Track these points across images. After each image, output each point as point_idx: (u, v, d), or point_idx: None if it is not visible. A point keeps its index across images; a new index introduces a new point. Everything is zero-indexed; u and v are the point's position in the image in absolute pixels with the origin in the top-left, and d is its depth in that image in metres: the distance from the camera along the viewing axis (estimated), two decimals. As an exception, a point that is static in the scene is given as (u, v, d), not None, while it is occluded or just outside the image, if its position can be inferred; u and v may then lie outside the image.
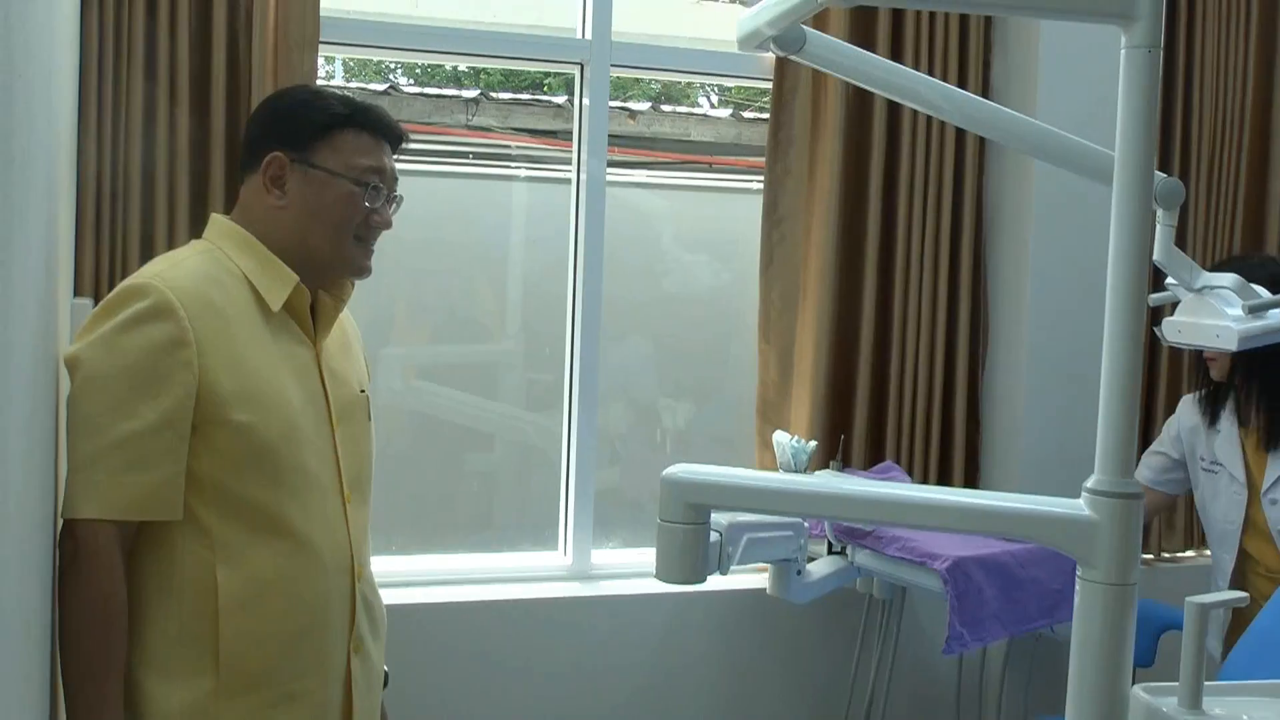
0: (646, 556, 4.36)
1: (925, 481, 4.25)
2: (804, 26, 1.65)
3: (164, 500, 2.14)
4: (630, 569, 4.27)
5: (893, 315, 4.26)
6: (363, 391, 2.50)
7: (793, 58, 1.72)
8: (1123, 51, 1.41)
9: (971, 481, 4.36)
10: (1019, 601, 3.40)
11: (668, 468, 1.51)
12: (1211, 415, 3.71)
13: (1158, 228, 2.17)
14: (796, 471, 3.73)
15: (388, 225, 2.42)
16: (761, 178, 4.21)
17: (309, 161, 2.32)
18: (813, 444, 3.83)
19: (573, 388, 4.18)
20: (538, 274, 4.44)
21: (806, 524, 1.89)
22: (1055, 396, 4.26)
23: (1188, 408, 3.81)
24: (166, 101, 3.50)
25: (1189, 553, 4.65)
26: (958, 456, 4.33)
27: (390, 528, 4.11)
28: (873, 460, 4.27)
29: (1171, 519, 4.59)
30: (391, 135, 2.43)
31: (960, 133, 4.30)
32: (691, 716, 4.14)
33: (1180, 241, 3.63)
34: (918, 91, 1.80)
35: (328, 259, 2.36)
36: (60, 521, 2.14)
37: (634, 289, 4.51)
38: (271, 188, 2.32)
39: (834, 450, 4.13)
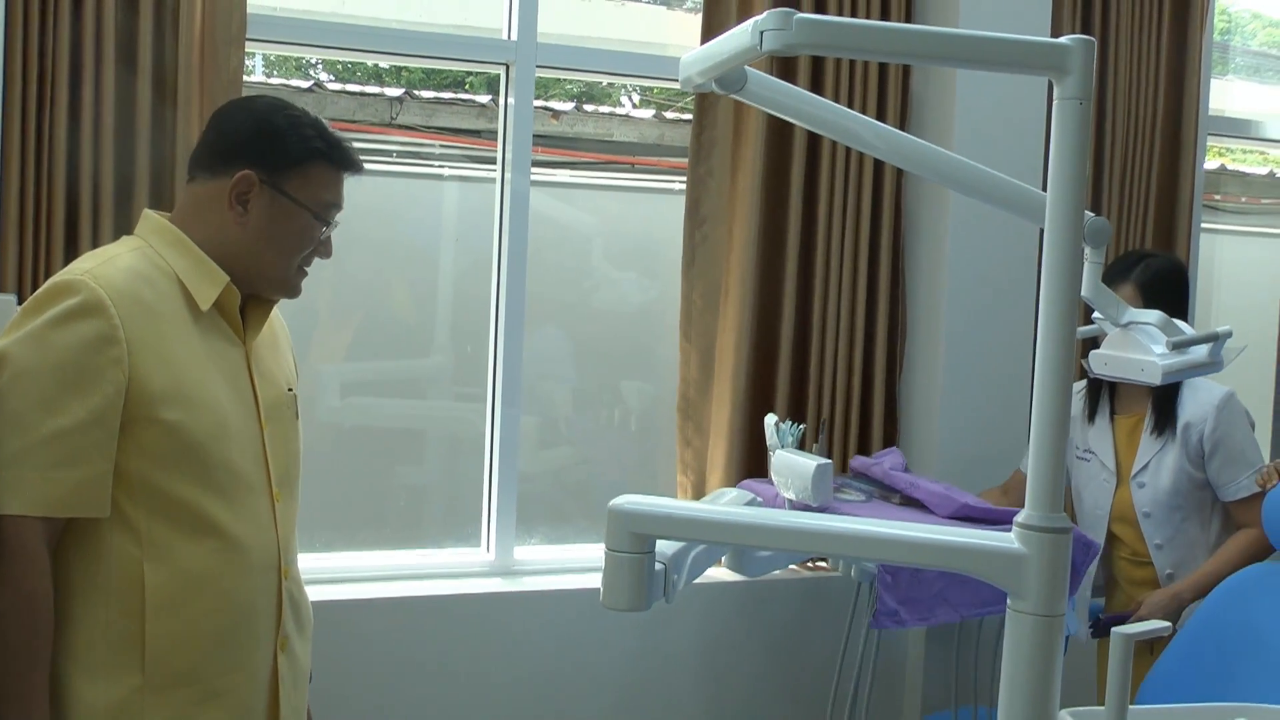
0: (570, 552, 4.41)
1: (842, 469, 4.33)
2: (745, 66, 1.69)
3: (92, 497, 2.15)
4: (553, 565, 4.32)
5: (812, 315, 4.32)
6: (290, 390, 2.53)
7: (734, 96, 1.76)
8: (1055, 103, 1.47)
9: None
10: (970, 584, 3.44)
11: (615, 498, 1.55)
12: (1092, 408, 3.85)
13: (1085, 265, 2.24)
14: (785, 449, 3.77)
15: (329, 256, 2.47)
16: (684, 178, 4.25)
17: (279, 187, 2.34)
18: (801, 427, 3.88)
19: (496, 384, 4.21)
20: (464, 271, 4.45)
21: (760, 500, 1.94)
22: (970, 395, 4.35)
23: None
24: (92, 97, 3.48)
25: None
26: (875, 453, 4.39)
27: (318, 527, 4.11)
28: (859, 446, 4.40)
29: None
30: (356, 172, 2.46)
31: (881, 111, 4.39)
32: (608, 711, 4.20)
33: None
34: (855, 131, 1.85)
35: (269, 279, 2.40)
36: None
37: (559, 287, 4.54)
38: (235, 203, 2.33)
39: (815, 434, 4.21)
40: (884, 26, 1.48)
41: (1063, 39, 1.46)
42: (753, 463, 4.26)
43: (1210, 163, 5.40)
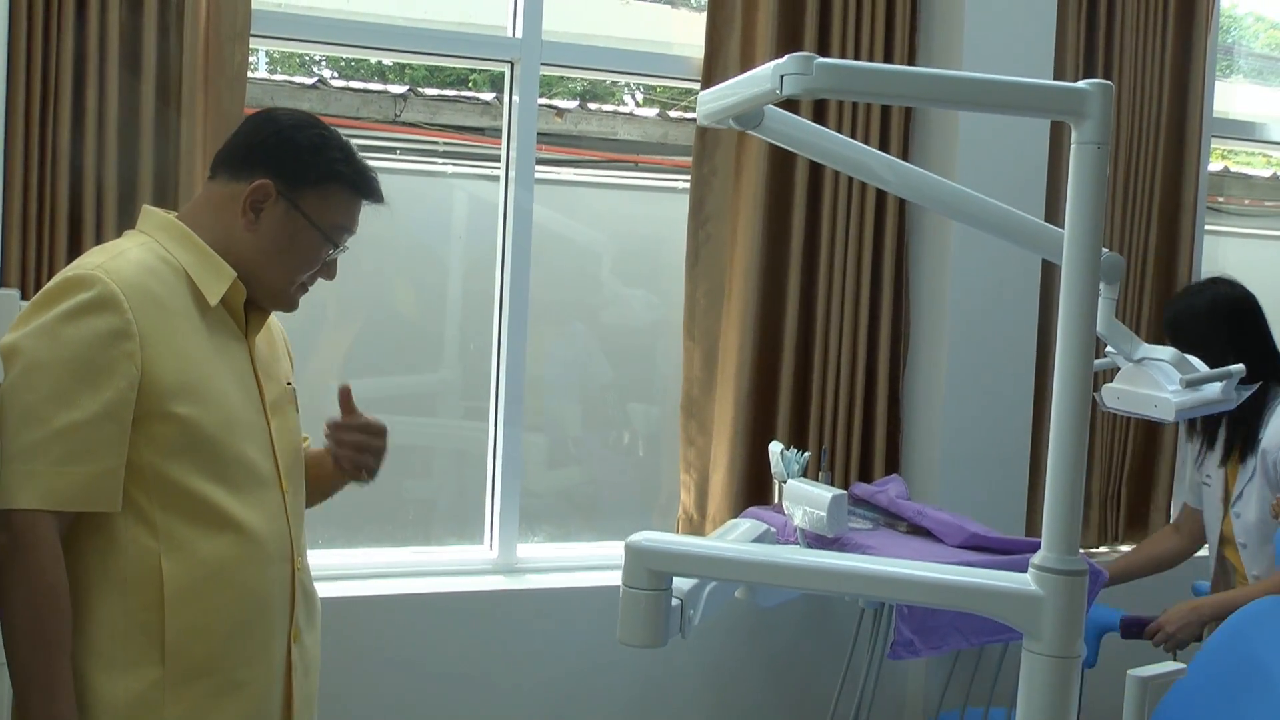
0: (572, 550, 4.43)
1: (845, 478, 4.33)
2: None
3: (103, 492, 2.15)
4: (555, 563, 4.33)
5: (816, 314, 4.33)
6: (289, 384, 2.54)
7: (751, 133, 1.77)
8: (1073, 146, 1.47)
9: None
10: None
11: (632, 535, 1.56)
12: (1210, 434, 3.77)
13: (1100, 301, 2.24)
14: (790, 479, 3.77)
15: (332, 278, 2.48)
16: (688, 177, 4.25)
17: (295, 202, 2.34)
18: (806, 454, 3.89)
19: (499, 392, 4.22)
20: (469, 270, 4.45)
21: (773, 530, 1.95)
22: (973, 396, 4.35)
23: None
24: (96, 93, 3.48)
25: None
26: (878, 454, 4.41)
27: (321, 524, 4.11)
28: (861, 472, 4.41)
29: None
30: (375, 201, 2.46)
31: (884, 139, 4.38)
32: (609, 707, 4.21)
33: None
34: (871, 167, 1.86)
35: (267, 290, 2.39)
36: None
37: (565, 296, 4.55)
38: (248, 209, 2.33)
39: (819, 460, 4.22)
40: (902, 71, 1.49)
41: (1081, 84, 1.47)
42: (755, 462, 4.26)
43: (1214, 165, 5.41)
